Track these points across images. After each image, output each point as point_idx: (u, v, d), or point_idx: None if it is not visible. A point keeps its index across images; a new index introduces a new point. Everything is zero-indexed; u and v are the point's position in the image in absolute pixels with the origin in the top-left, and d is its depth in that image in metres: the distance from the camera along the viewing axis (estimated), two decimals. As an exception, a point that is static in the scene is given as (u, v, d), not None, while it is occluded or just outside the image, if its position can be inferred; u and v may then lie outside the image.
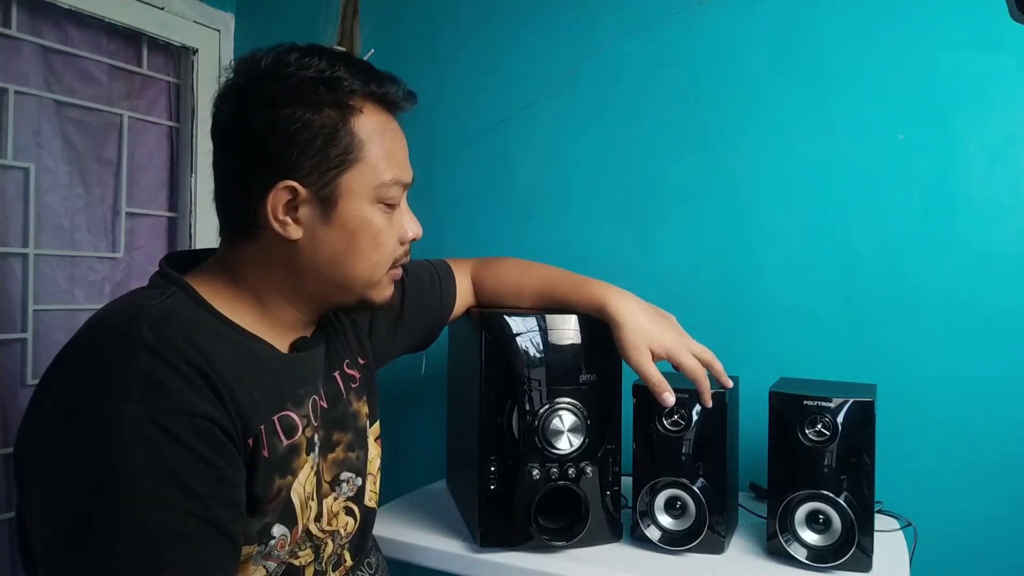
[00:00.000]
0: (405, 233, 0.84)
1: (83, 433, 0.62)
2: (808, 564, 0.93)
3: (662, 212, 1.33)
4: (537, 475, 0.96)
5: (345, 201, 0.78)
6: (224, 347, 0.72)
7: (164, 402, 0.64)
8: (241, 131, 0.76)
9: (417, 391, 1.50)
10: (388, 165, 0.80)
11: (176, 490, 0.63)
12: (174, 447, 0.63)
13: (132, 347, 0.65)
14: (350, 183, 0.78)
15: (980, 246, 1.13)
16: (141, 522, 0.61)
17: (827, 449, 0.93)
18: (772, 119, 1.25)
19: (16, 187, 1.34)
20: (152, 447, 0.62)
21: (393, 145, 0.81)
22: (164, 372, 0.65)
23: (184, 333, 0.69)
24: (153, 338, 0.66)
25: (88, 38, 1.46)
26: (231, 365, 0.71)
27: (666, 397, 0.95)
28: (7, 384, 1.34)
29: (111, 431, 0.62)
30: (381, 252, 0.82)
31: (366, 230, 0.80)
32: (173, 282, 0.76)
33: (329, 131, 0.76)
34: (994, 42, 1.12)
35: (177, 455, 0.63)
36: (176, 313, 0.71)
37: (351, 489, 0.89)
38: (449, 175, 1.50)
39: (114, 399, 0.62)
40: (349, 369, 0.94)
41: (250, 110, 0.75)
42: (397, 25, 1.55)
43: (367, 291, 0.83)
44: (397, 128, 0.83)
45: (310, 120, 0.75)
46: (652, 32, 1.33)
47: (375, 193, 0.79)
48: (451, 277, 1.11)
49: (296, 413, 0.79)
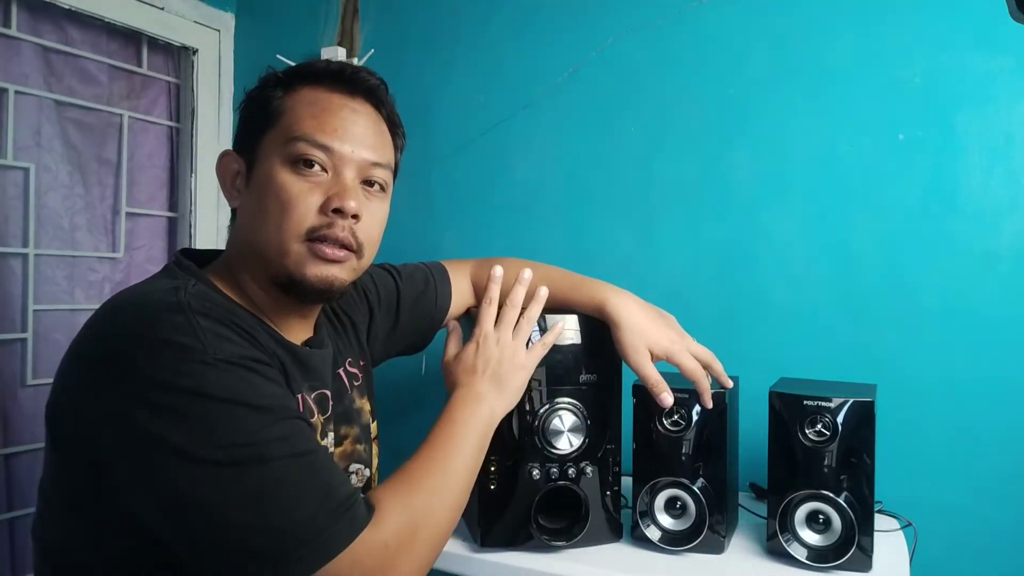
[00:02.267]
0: (328, 202, 0.77)
1: (183, 388, 0.63)
2: (808, 564, 0.93)
3: (662, 212, 1.33)
4: (537, 475, 0.96)
5: (260, 163, 0.80)
6: (255, 326, 0.76)
7: (238, 350, 0.68)
8: None
9: (417, 391, 1.50)
10: (302, 124, 0.79)
11: (281, 404, 0.68)
12: (261, 379, 0.68)
13: (189, 313, 0.67)
14: (265, 145, 0.80)
15: (980, 246, 1.13)
16: (273, 431, 0.65)
17: (827, 449, 0.93)
18: (772, 119, 1.25)
19: (16, 187, 1.34)
20: (245, 380, 0.66)
21: (319, 112, 0.79)
22: (224, 330, 0.68)
23: (224, 308, 0.73)
24: (202, 307, 0.69)
25: (88, 38, 1.46)
26: (266, 340, 0.76)
27: (664, 398, 0.94)
28: (7, 384, 1.35)
29: (209, 379, 0.64)
30: (289, 215, 0.77)
31: (272, 190, 0.77)
32: (192, 274, 0.78)
33: (262, 103, 0.82)
34: (994, 42, 1.12)
35: (266, 385, 0.68)
36: (207, 295, 0.74)
37: (360, 480, 0.92)
38: (448, 175, 1.50)
39: (198, 354, 0.65)
40: (351, 367, 0.96)
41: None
42: (397, 25, 1.55)
43: (283, 261, 0.78)
44: (338, 103, 0.81)
45: (255, 96, 0.83)
46: (652, 32, 1.33)
47: (285, 151, 0.78)
48: (446, 279, 1.11)
49: (311, 400, 0.83)
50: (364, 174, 0.81)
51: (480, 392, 0.88)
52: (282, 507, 0.63)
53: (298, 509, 0.63)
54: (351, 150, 0.80)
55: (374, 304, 1.04)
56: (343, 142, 0.79)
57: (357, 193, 0.80)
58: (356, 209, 0.78)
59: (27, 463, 1.36)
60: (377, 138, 0.83)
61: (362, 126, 0.82)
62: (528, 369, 0.93)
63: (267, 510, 0.63)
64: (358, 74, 0.83)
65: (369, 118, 0.83)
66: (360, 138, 0.81)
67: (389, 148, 0.86)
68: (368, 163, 0.81)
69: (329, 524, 0.64)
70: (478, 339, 0.93)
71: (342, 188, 0.78)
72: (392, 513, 0.69)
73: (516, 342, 0.93)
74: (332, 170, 0.79)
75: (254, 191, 0.80)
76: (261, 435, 0.64)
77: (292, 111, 0.80)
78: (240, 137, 0.84)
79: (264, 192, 0.78)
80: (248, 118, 0.84)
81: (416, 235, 1.51)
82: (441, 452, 0.80)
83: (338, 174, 0.79)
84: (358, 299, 1.03)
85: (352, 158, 0.80)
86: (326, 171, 0.79)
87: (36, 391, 1.37)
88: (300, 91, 0.81)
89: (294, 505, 0.64)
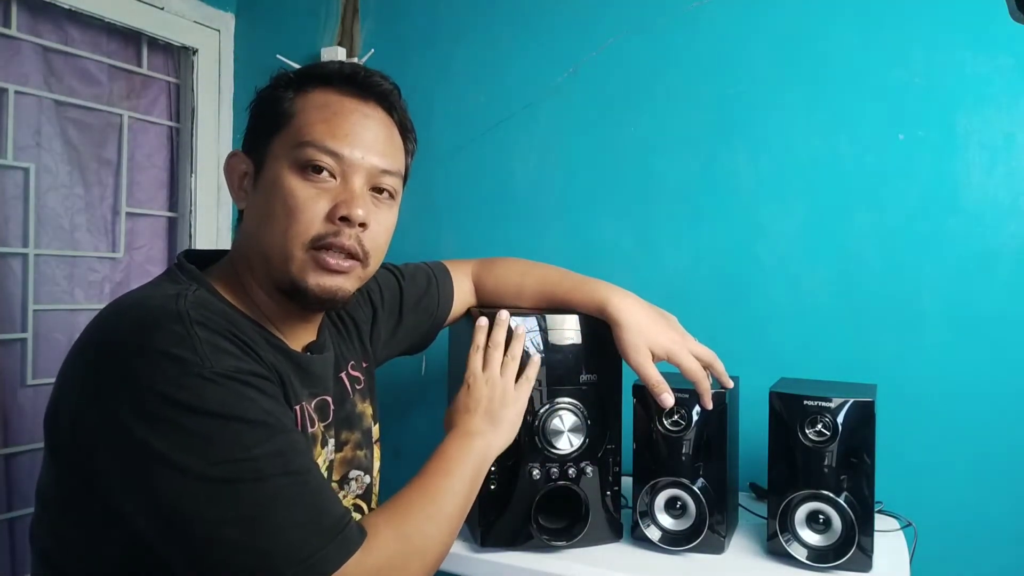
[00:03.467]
0: (335, 209, 0.76)
1: (179, 401, 0.63)
2: (808, 564, 0.93)
3: (662, 212, 1.33)
4: (537, 475, 0.96)
5: (268, 165, 0.79)
6: (254, 337, 0.75)
7: (235, 364, 0.67)
8: None
9: (417, 391, 1.50)
10: (312, 129, 0.77)
11: (277, 419, 0.68)
12: (257, 393, 0.67)
13: (188, 323, 0.67)
14: (274, 147, 0.79)
15: (980, 246, 1.13)
16: (270, 447, 0.65)
17: (827, 449, 0.93)
18: (772, 119, 1.25)
19: (16, 187, 1.34)
20: (243, 395, 0.66)
21: (330, 117, 0.78)
22: (223, 342, 0.68)
23: (224, 317, 0.72)
24: (201, 316, 0.68)
25: (88, 38, 1.46)
26: (265, 352, 0.75)
27: (665, 398, 0.95)
28: (7, 384, 1.35)
29: (207, 393, 0.64)
30: (295, 222, 0.75)
31: (280, 195, 0.76)
32: (194, 278, 0.77)
33: (272, 103, 0.81)
34: (994, 42, 1.12)
35: (263, 399, 0.68)
36: (208, 302, 0.73)
37: (359, 487, 0.91)
38: (448, 175, 1.50)
39: (195, 367, 0.64)
40: (353, 371, 0.95)
41: None
42: (397, 25, 1.55)
43: (287, 268, 0.77)
44: (349, 107, 0.80)
45: (266, 97, 0.82)
46: (651, 32, 1.33)
47: (294, 155, 0.77)
48: (448, 279, 1.11)
49: (310, 408, 0.82)
50: (373, 181, 0.80)
51: (474, 429, 0.88)
52: (273, 526, 0.63)
53: (289, 529, 0.63)
54: (361, 156, 0.78)
55: (377, 305, 1.04)
56: (353, 148, 0.78)
57: (365, 201, 0.79)
58: (364, 217, 0.77)
59: (27, 463, 1.36)
60: (388, 144, 0.82)
61: (373, 131, 0.80)
62: (520, 402, 0.93)
63: (257, 529, 0.62)
64: (371, 78, 0.82)
65: (380, 123, 0.82)
66: (371, 144, 0.79)
67: (400, 154, 0.85)
68: (378, 170, 0.80)
69: (320, 546, 0.63)
70: (468, 381, 0.92)
71: (350, 195, 0.77)
72: (384, 539, 0.68)
73: (505, 379, 0.93)
74: (341, 176, 0.78)
75: (261, 194, 0.79)
76: (256, 451, 0.64)
77: (302, 114, 0.79)
78: (249, 137, 0.83)
79: (271, 196, 0.77)
80: (257, 118, 0.83)
81: (416, 235, 1.51)
82: (434, 482, 0.79)
83: (347, 180, 0.78)
84: (361, 300, 1.02)
85: (362, 164, 0.78)
86: (334, 177, 0.78)
87: (36, 391, 1.37)
88: (311, 93, 0.80)
89: (285, 525, 0.63)
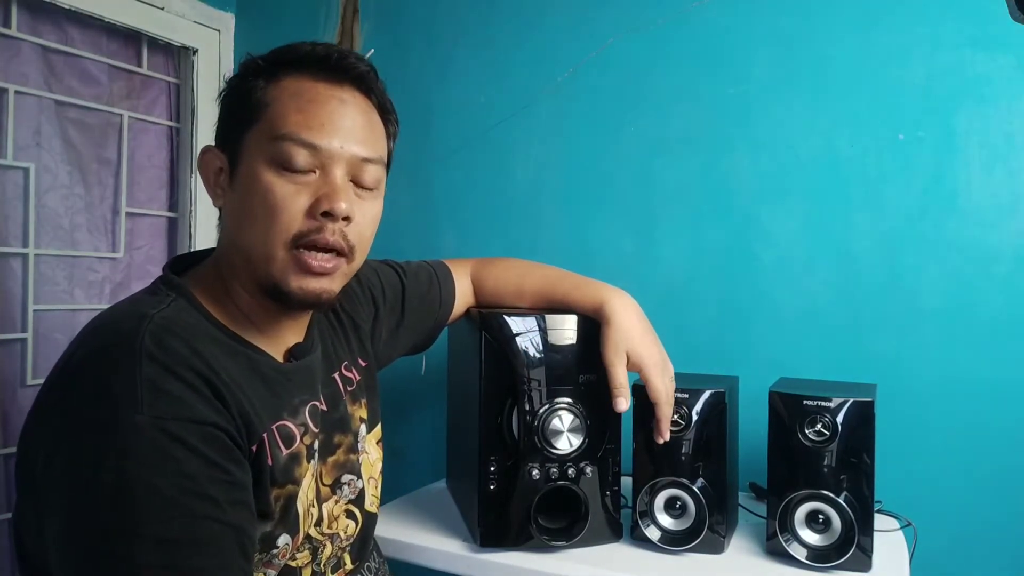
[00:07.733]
0: (317, 204, 0.72)
1: (98, 445, 0.62)
2: (808, 564, 0.93)
3: (661, 212, 1.33)
4: (537, 475, 0.96)
5: (244, 161, 0.75)
6: (224, 355, 0.72)
7: (172, 410, 0.63)
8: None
9: (417, 391, 1.50)
10: (286, 120, 0.73)
11: (193, 496, 0.63)
12: (186, 453, 0.63)
13: (137, 357, 0.64)
14: (249, 142, 0.75)
15: (980, 246, 1.13)
16: (162, 530, 0.61)
17: (827, 449, 0.93)
18: (771, 119, 1.25)
19: (16, 187, 1.34)
20: (166, 455, 0.62)
21: (305, 105, 0.74)
22: (169, 382, 0.64)
23: (186, 341, 0.68)
24: (156, 348, 0.65)
25: (88, 38, 1.46)
26: (231, 372, 0.71)
27: (620, 402, 0.95)
28: (7, 384, 1.34)
29: (125, 442, 0.61)
30: (275, 220, 0.72)
31: (257, 192, 0.72)
32: (174, 288, 0.75)
33: (244, 94, 0.76)
34: (994, 42, 1.12)
35: (190, 461, 0.63)
36: (176, 321, 0.70)
37: (352, 492, 0.88)
38: (448, 175, 1.50)
39: (125, 410, 0.62)
40: (347, 371, 0.93)
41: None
42: (397, 25, 1.55)
43: (269, 268, 0.73)
44: (325, 93, 0.76)
45: (236, 87, 0.78)
46: (651, 32, 1.33)
47: (270, 150, 0.73)
48: (450, 278, 1.11)
49: (293, 423, 0.78)
50: (355, 171, 0.76)
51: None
52: None
53: None
54: (340, 145, 0.74)
55: (380, 303, 1.03)
56: (331, 137, 0.74)
57: (348, 193, 0.75)
58: (347, 211, 0.73)
59: (27, 463, 1.36)
60: (367, 130, 0.78)
61: (351, 118, 0.76)
62: None
63: None
64: (346, 60, 0.77)
65: (358, 108, 0.77)
66: (349, 131, 0.75)
67: (381, 139, 0.80)
68: (359, 159, 0.76)
69: None
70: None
71: (331, 189, 0.73)
72: None
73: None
74: (320, 168, 0.74)
75: (238, 191, 0.75)
76: (142, 530, 0.60)
77: (276, 104, 0.74)
78: (221, 131, 0.78)
79: (249, 194, 0.73)
80: (229, 110, 0.78)
81: (416, 235, 1.51)
82: None
83: (327, 173, 0.74)
84: (363, 297, 1.01)
85: (341, 154, 0.74)
86: (314, 170, 0.74)
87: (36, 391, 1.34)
88: (283, 81, 0.76)
89: None
